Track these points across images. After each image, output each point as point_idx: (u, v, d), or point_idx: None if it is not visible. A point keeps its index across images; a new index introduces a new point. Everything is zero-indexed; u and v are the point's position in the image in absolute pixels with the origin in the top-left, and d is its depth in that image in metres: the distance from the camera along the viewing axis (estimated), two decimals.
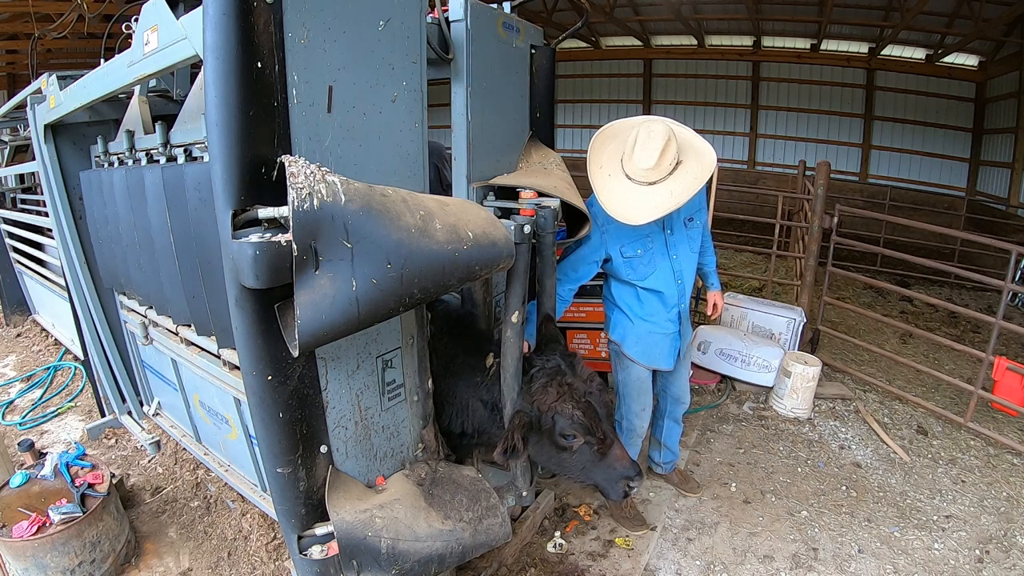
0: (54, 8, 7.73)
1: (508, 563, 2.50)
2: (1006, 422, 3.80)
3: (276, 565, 2.51)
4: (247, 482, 2.53)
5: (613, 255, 2.38)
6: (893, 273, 7.33)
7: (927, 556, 2.65)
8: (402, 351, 1.83)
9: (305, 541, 1.56)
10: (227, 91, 1.21)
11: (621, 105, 13.13)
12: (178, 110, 2.22)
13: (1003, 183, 9.23)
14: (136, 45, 1.77)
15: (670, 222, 2.37)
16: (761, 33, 10.84)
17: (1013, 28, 8.16)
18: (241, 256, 1.19)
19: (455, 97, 2.03)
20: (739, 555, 2.63)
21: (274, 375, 1.39)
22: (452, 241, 1.43)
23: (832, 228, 4.40)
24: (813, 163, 5.27)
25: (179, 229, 2.07)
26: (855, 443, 3.56)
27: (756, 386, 4.09)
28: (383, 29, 1.52)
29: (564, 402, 1.92)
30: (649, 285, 2.40)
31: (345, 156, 1.49)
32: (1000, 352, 4.14)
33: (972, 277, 3.99)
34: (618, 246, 2.36)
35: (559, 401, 1.92)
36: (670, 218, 2.32)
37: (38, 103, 2.80)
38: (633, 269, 2.38)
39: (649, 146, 2.06)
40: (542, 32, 2.43)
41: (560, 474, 2.08)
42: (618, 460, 1.97)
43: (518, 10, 2.27)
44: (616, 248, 2.36)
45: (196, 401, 2.61)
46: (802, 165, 6.77)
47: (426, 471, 1.92)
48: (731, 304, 4.56)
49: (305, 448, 1.52)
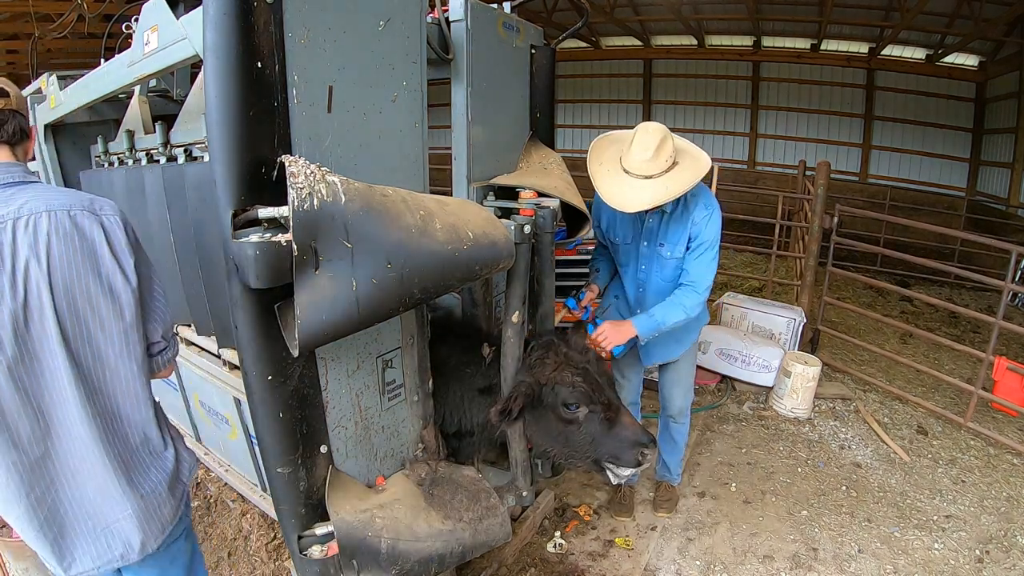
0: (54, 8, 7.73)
1: (508, 563, 2.50)
2: (1006, 422, 3.80)
3: (276, 565, 2.51)
4: (247, 482, 2.53)
5: (608, 233, 2.54)
6: (893, 273, 7.33)
7: (927, 556, 2.65)
8: (402, 351, 1.84)
9: (305, 541, 1.56)
10: (227, 91, 1.21)
11: (621, 105, 13.12)
12: (178, 110, 2.22)
13: (1003, 183, 9.22)
14: (136, 45, 1.77)
15: (649, 235, 2.38)
16: (761, 33, 10.83)
17: (1013, 28, 8.15)
18: (241, 256, 1.19)
19: (455, 97, 2.03)
20: (739, 555, 2.63)
21: (274, 375, 1.39)
22: (452, 241, 1.43)
23: (832, 228, 4.41)
24: (813, 163, 5.28)
25: (179, 229, 2.07)
26: (855, 443, 3.56)
27: (756, 386, 4.09)
28: (383, 29, 1.52)
29: (562, 371, 1.90)
30: (622, 274, 2.59)
31: (345, 156, 1.49)
32: (1000, 352, 4.14)
33: (972, 277, 3.99)
34: (611, 227, 2.51)
35: (557, 371, 1.91)
36: (650, 231, 2.37)
37: (38, 103, 2.80)
38: (615, 253, 2.58)
39: (646, 140, 2.10)
40: (542, 32, 2.43)
41: (570, 459, 2.02)
42: (628, 427, 1.92)
43: (518, 10, 2.27)
44: (610, 228, 2.51)
45: (196, 401, 2.61)
46: (802, 165, 6.78)
47: (426, 471, 1.92)
48: (731, 304, 4.56)
49: (305, 448, 1.52)
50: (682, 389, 2.70)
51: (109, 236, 1.24)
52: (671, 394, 2.72)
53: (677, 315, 2.25)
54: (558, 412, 1.91)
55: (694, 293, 2.26)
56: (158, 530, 1.37)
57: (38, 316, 1.17)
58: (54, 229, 1.17)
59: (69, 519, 1.27)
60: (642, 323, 2.26)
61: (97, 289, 1.22)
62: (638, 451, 1.90)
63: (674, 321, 2.26)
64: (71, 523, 1.27)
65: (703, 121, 12.30)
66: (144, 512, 1.34)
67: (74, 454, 1.24)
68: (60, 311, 1.18)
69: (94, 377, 1.25)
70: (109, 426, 1.28)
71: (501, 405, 1.84)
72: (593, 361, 1.99)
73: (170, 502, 1.40)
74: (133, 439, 1.33)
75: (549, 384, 1.91)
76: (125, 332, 1.28)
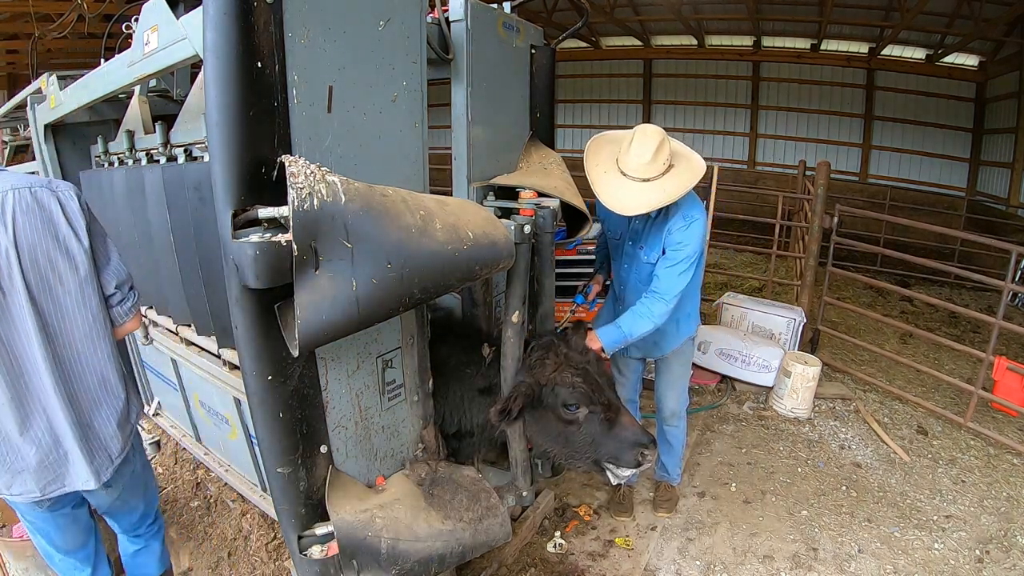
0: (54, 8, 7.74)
1: (508, 563, 2.50)
2: (1006, 422, 3.80)
3: (276, 565, 2.51)
4: (247, 482, 2.53)
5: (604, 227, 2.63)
6: (893, 273, 7.33)
7: (927, 556, 2.65)
8: (402, 351, 1.84)
9: (305, 541, 1.56)
10: (227, 91, 1.21)
11: (621, 105, 13.13)
12: (178, 110, 2.23)
13: (1003, 183, 9.22)
14: (136, 45, 1.77)
15: (635, 236, 2.41)
16: (761, 33, 10.83)
17: (1013, 28, 8.15)
18: (241, 256, 1.19)
19: (455, 97, 2.03)
20: (739, 555, 2.63)
21: (274, 375, 1.40)
22: (452, 241, 1.43)
23: (832, 228, 4.41)
24: (813, 163, 5.27)
25: (179, 229, 2.07)
26: (855, 443, 3.56)
27: (756, 386, 4.09)
28: (383, 29, 1.52)
29: (562, 372, 1.90)
30: (612, 268, 2.67)
31: (345, 156, 1.49)
32: (1000, 352, 4.14)
33: (972, 277, 4.00)
34: (607, 221, 2.57)
35: (557, 372, 1.91)
36: (635, 232, 2.40)
37: (38, 103, 2.80)
38: (609, 247, 2.67)
39: (646, 142, 2.10)
40: (542, 32, 2.43)
41: (570, 460, 2.02)
42: (628, 427, 1.92)
43: (518, 10, 2.27)
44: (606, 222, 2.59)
45: (196, 401, 2.61)
46: (802, 165, 6.77)
47: (426, 471, 1.92)
48: (731, 304, 4.56)
49: (305, 448, 1.52)
50: (675, 392, 2.70)
51: (64, 206, 1.49)
52: (664, 396, 2.73)
53: (644, 326, 2.22)
54: (558, 413, 1.91)
55: (662, 302, 2.21)
56: (107, 462, 1.61)
57: (7, 274, 1.41)
58: (17, 203, 1.42)
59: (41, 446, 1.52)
60: (607, 335, 2.23)
61: (55, 250, 1.46)
62: (638, 451, 1.89)
63: (641, 332, 2.23)
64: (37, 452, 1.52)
65: (703, 121, 12.31)
66: (93, 445, 1.58)
67: (42, 391, 1.49)
68: (25, 269, 1.42)
69: (54, 323, 1.49)
70: (67, 367, 1.52)
71: (501, 405, 1.84)
72: (593, 361, 1.99)
73: (118, 439, 1.64)
74: (90, 379, 1.57)
75: (549, 385, 1.91)
76: (81, 285, 1.51)
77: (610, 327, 2.24)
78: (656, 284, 2.25)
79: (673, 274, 2.22)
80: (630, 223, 2.39)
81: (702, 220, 2.25)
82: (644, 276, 2.37)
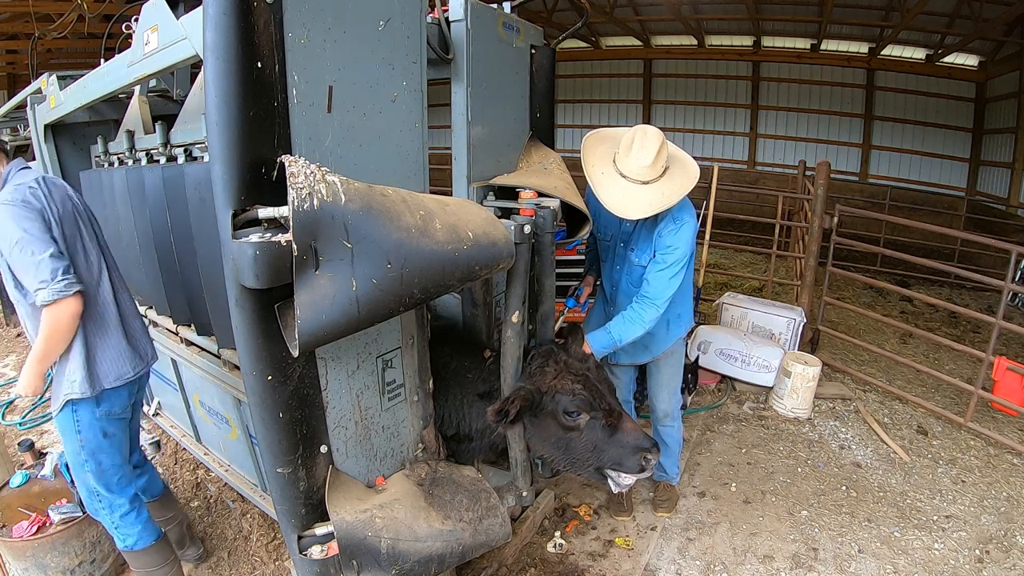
0: (54, 8, 7.73)
1: (508, 563, 2.50)
2: (1006, 422, 3.80)
3: (276, 565, 2.51)
4: (247, 482, 2.53)
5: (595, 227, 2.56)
6: (893, 273, 7.33)
7: (927, 556, 2.65)
8: (402, 351, 1.83)
9: (305, 541, 1.56)
10: (227, 91, 1.21)
11: (621, 105, 13.12)
12: (178, 110, 2.23)
13: (1003, 183, 9.22)
14: (136, 45, 1.77)
15: (626, 238, 2.41)
16: (761, 33, 10.83)
17: (1013, 28, 8.15)
18: (241, 256, 1.19)
19: (455, 97, 2.03)
20: (739, 555, 2.63)
21: (274, 375, 1.39)
22: (452, 241, 1.43)
23: (832, 228, 4.41)
24: (813, 163, 5.27)
25: (179, 229, 2.07)
26: (855, 443, 3.56)
27: (756, 386, 4.09)
28: (383, 29, 1.52)
29: (562, 379, 1.90)
30: (602, 268, 2.66)
31: (345, 156, 1.49)
32: (1000, 352, 4.14)
33: (972, 277, 3.99)
34: (597, 220, 2.52)
35: (557, 379, 1.91)
36: (626, 234, 2.41)
37: (38, 103, 2.81)
38: (599, 247, 2.66)
39: (647, 145, 2.10)
40: (542, 32, 2.43)
41: (572, 466, 2.01)
42: (630, 432, 1.91)
43: (518, 10, 2.27)
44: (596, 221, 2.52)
45: (196, 401, 2.61)
46: (802, 165, 6.77)
47: (426, 471, 1.92)
48: (731, 304, 4.56)
49: (305, 448, 1.52)
50: (667, 393, 2.70)
51: None
52: (656, 396, 2.73)
53: (635, 331, 2.23)
54: (559, 420, 1.91)
55: (652, 307, 2.22)
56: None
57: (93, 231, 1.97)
58: None
59: None
60: (597, 340, 2.23)
61: None
62: (641, 456, 1.89)
63: (632, 336, 2.23)
64: None
65: (703, 121, 12.30)
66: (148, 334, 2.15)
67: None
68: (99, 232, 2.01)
69: (111, 261, 2.06)
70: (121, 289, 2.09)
71: (498, 405, 1.83)
72: (593, 368, 1.98)
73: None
74: (128, 297, 2.10)
75: (550, 392, 1.91)
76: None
77: (600, 332, 2.25)
78: (646, 288, 2.25)
79: (663, 278, 2.23)
80: (621, 224, 2.38)
81: (692, 222, 2.26)
82: (636, 279, 2.38)
